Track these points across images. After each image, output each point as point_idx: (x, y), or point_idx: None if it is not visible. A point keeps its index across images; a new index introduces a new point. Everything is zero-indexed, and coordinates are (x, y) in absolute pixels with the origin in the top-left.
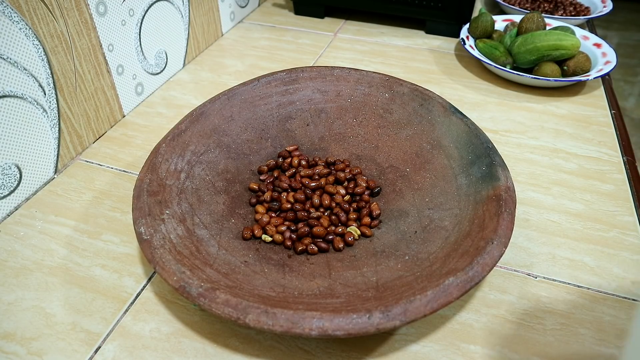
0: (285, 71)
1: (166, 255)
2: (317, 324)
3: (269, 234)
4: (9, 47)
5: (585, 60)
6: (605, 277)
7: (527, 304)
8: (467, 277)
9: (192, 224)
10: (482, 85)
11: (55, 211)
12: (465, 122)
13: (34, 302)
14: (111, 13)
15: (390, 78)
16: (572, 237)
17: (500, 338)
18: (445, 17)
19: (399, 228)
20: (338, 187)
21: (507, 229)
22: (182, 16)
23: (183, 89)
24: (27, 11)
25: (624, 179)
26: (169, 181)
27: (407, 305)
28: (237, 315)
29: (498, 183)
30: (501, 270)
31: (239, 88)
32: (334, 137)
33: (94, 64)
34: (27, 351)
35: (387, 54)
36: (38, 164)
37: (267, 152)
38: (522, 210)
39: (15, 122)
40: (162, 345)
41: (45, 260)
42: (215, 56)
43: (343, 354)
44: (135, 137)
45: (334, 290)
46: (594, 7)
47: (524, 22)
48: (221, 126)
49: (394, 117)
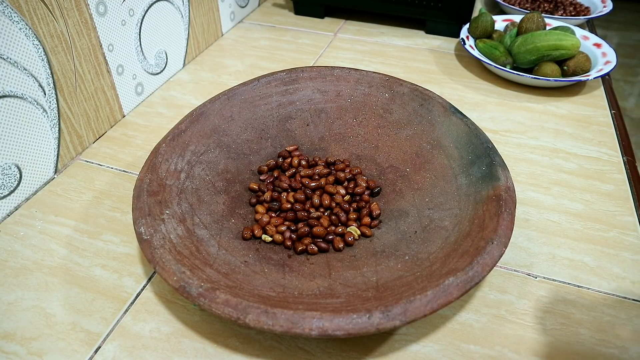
0: (285, 71)
1: (166, 255)
2: (317, 324)
3: (269, 234)
4: (9, 47)
5: (585, 60)
6: (605, 277)
7: (527, 304)
8: (467, 277)
9: (192, 224)
10: (482, 85)
11: (55, 211)
12: (465, 122)
13: (34, 302)
14: (111, 13)
15: (390, 78)
16: (572, 237)
17: (500, 338)
18: (445, 17)
19: (399, 228)
20: (338, 187)
21: (507, 229)
22: (182, 16)
23: (183, 89)
24: (27, 11)
25: (624, 179)
26: (169, 181)
27: (407, 305)
28: (237, 315)
29: (498, 183)
30: (501, 270)
31: (239, 88)
32: (334, 137)
33: (94, 64)
34: (27, 351)
35: (387, 54)
36: (38, 164)
37: (267, 152)
38: (522, 210)
39: (15, 122)
40: (162, 345)
41: (45, 260)
42: (215, 56)
43: (343, 354)
44: (135, 137)
45: (334, 290)
46: (594, 7)
47: (524, 22)
48: (221, 126)
49: (394, 117)
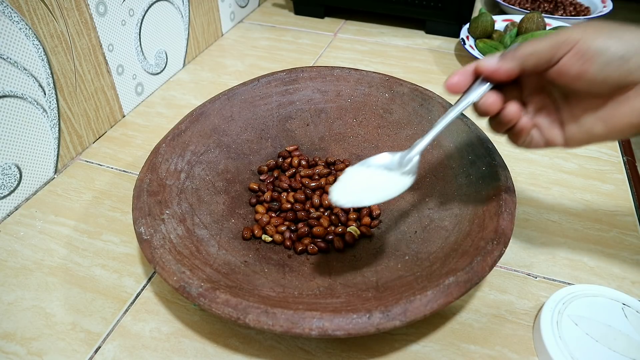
0: (285, 71)
1: (166, 255)
2: (317, 324)
3: (269, 234)
4: (9, 47)
5: None
6: (605, 277)
7: (527, 304)
8: (467, 277)
9: (192, 224)
10: None
11: (55, 211)
12: (465, 122)
13: (34, 302)
14: (111, 13)
15: (390, 78)
16: (572, 237)
17: (500, 338)
18: (445, 17)
19: (399, 228)
20: None
21: (507, 229)
22: (182, 16)
23: (183, 89)
24: (27, 11)
25: (624, 179)
26: (169, 181)
27: (407, 305)
28: (237, 315)
29: (498, 183)
30: (501, 270)
31: (239, 88)
32: (334, 137)
33: (94, 64)
34: (27, 351)
35: (387, 54)
36: (38, 164)
37: (267, 152)
38: (522, 210)
39: (15, 122)
40: (162, 345)
41: (45, 260)
42: (215, 56)
43: (343, 354)
44: (135, 137)
45: (334, 290)
46: (594, 7)
47: (524, 22)
48: (221, 126)
49: (394, 117)
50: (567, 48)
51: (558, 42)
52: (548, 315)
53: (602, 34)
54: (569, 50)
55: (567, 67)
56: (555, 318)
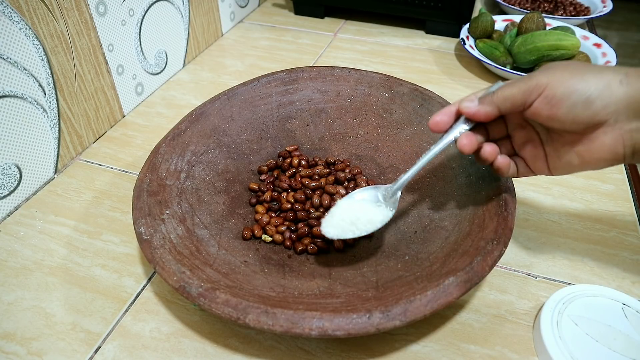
0: (285, 71)
1: (166, 255)
2: (317, 324)
3: (269, 234)
4: (9, 47)
5: (586, 60)
6: (605, 277)
7: (527, 304)
8: (467, 277)
9: (192, 224)
10: (482, 85)
11: (55, 211)
12: None
13: (34, 302)
14: (111, 13)
15: (390, 78)
16: (572, 237)
17: (500, 338)
18: (445, 17)
19: (399, 228)
20: (338, 187)
21: (507, 229)
22: (182, 16)
23: (183, 89)
24: (27, 11)
25: (624, 179)
26: (169, 181)
27: (407, 305)
28: (237, 315)
29: (498, 183)
30: (501, 270)
31: (239, 88)
32: (334, 137)
33: (94, 64)
34: (27, 351)
35: (387, 54)
36: (38, 164)
37: (267, 152)
38: (522, 210)
39: (15, 122)
40: (162, 345)
41: (45, 260)
42: (215, 56)
43: (343, 354)
44: (135, 137)
45: (334, 290)
46: (594, 7)
47: (524, 22)
48: (221, 126)
49: (394, 117)
50: (537, 93)
51: (529, 87)
52: (548, 315)
53: (567, 78)
54: (539, 95)
55: (538, 111)
56: (555, 318)
